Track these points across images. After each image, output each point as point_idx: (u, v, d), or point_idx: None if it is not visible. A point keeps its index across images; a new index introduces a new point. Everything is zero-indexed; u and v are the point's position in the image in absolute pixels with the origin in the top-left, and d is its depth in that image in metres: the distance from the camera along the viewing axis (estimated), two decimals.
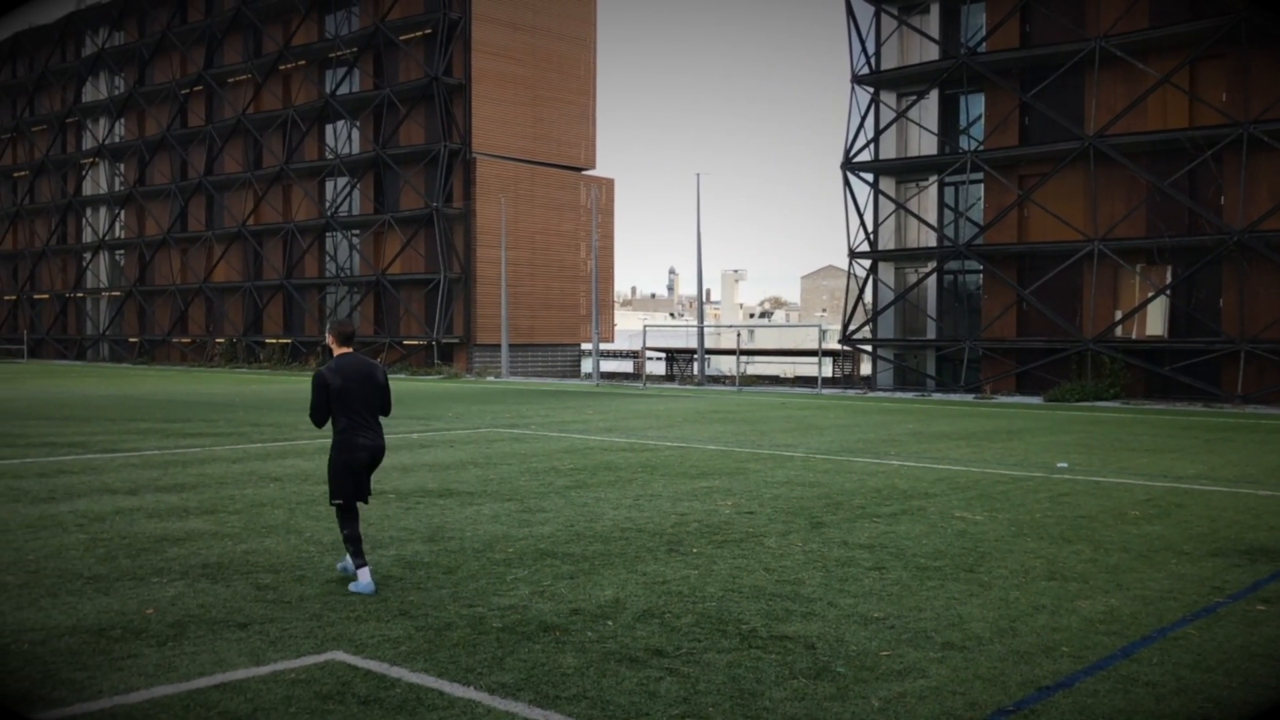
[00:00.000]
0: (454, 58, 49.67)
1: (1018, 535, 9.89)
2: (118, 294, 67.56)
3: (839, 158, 38.03)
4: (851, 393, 36.15)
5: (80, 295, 70.32)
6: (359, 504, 7.82)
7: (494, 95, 50.27)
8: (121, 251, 68.21)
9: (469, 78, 49.33)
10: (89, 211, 70.26)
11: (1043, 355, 33.89)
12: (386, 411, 7.97)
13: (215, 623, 6.72)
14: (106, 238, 67.72)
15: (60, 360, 68.41)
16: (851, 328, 38.19)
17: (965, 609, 7.23)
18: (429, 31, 50.07)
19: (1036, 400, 31.47)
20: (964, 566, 8.54)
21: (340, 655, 6.08)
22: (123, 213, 67.40)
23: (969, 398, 32.68)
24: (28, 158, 73.93)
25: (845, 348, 40.37)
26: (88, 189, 70.38)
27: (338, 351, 7.84)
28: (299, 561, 8.48)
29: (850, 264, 38.29)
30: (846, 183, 37.96)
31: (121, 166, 67.33)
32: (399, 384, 39.66)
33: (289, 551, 8.82)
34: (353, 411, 7.64)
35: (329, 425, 7.87)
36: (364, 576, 7.54)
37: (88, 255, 69.61)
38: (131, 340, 65.99)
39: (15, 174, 75.08)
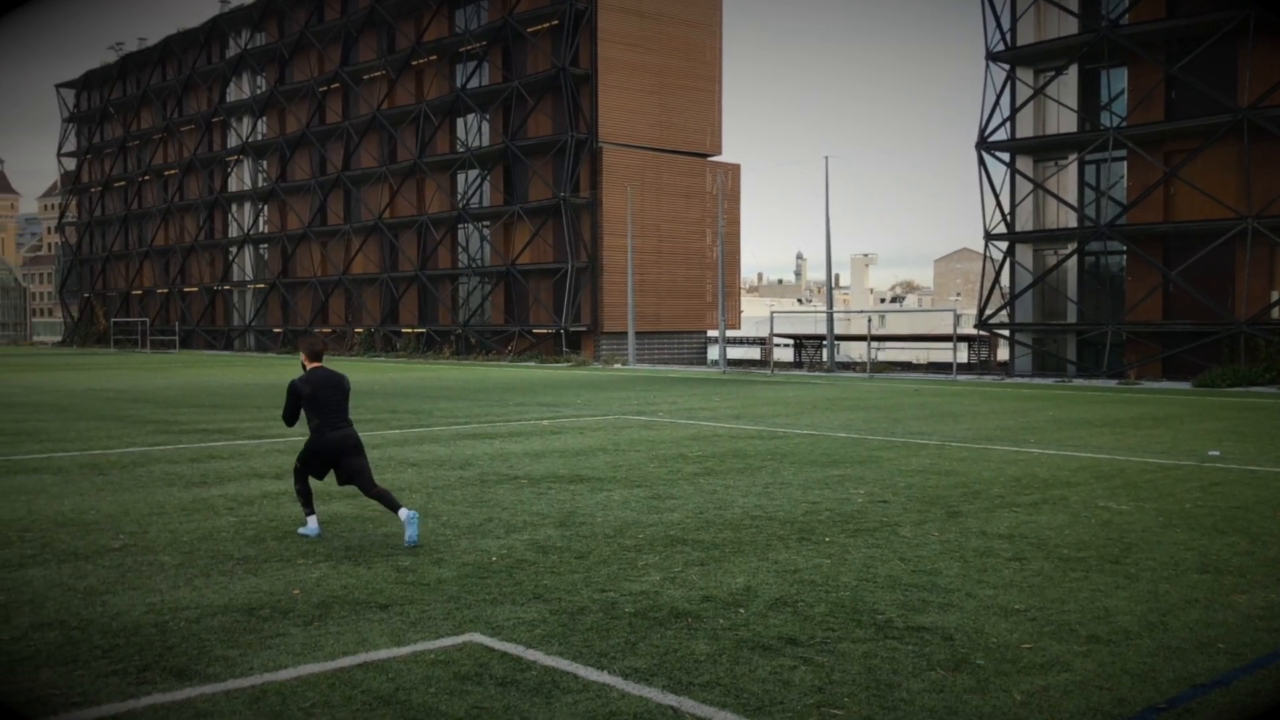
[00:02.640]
0: (580, 48, 50.05)
1: (1166, 526, 9.49)
2: (262, 286, 70.27)
3: (973, 137, 37.02)
4: (988, 379, 35.25)
5: (227, 288, 73.41)
6: (329, 483, 9.60)
7: (620, 84, 50.48)
8: (265, 245, 70.90)
9: (595, 68, 49.64)
10: (234, 207, 73.22)
11: (1191, 339, 32.46)
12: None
13: (358, 604, 6.92)
14: (251, 232, 70.45)
15: (209, 350, 71.54)
16: (988, 312, 37.22)
17: (1111, 602, 6.97)
18: (556, 23, 50.56)
19: (1185, 385, 30.17)
20: (1109, 558, 8.23)
21: (477, 637, 6.19)
22: (265, 208, 70.03)
23: (1112, 383, 31.53)
24: (177, 156, 77.42)
25: (981, 332, 39.34)
26: (233, 185, 73.37)
27: (310, 366, 9.11)
28: (436, 545, 8.67)
29: (986, 246, 37.29)
30: (982, 163, 36.98)
31: (264, 163, 69.92)
32: (528, 372, 40.34)
33: (426, 535, 9.01)
34: (323, 412, 8.90)
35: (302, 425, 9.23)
36: (311, 523, 9.05)
37: (233, 249, 72.58)
38: (275, 330, 68.56)
39: (166, 173, 78.72)
